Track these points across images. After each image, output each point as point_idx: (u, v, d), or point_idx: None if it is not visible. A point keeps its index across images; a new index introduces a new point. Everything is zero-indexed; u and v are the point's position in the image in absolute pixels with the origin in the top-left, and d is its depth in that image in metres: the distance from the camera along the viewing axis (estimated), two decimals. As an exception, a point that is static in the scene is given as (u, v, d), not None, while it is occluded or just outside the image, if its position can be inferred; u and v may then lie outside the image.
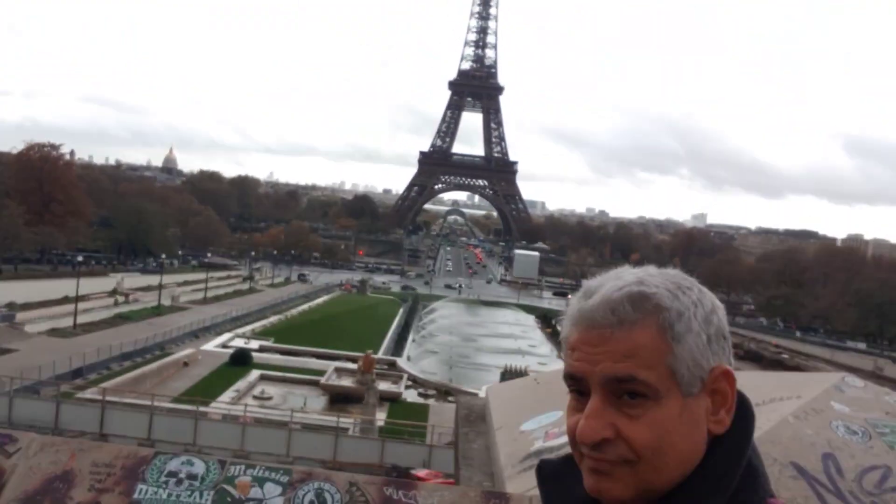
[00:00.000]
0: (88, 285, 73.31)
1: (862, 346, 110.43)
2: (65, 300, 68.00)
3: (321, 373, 53.51)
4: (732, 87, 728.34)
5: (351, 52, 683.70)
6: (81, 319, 63.37)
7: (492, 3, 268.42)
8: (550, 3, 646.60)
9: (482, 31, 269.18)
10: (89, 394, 40.01)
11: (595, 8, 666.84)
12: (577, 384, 1.19)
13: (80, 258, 76.21)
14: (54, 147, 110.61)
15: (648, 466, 1.14)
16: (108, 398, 37.31)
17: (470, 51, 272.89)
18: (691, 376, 1.15)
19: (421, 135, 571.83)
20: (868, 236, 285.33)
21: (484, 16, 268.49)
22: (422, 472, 31.77)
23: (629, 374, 1.13)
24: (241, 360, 54.54)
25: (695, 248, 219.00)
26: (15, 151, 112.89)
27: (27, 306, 65.42)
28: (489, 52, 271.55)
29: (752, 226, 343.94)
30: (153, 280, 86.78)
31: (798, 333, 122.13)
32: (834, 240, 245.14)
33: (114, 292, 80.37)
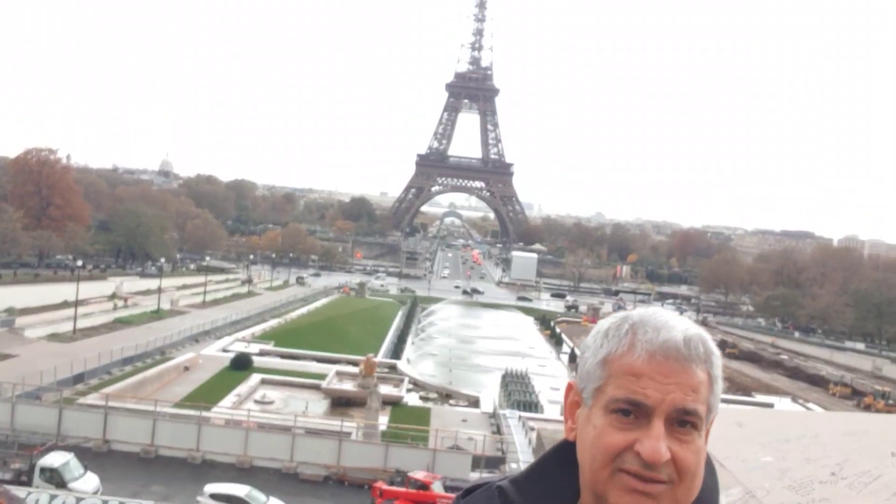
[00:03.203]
0: (87, 290, 73.22)
1: (860, 346, 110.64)
2: (64, 304, 67.89)
3: (322, 376, 53.47)
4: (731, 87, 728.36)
5: (347, 56, 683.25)
6: (81, 324, 63.21)
7: (487, 6, 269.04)
8: (545, 4, 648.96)
9: (478, 34, 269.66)
10: (91, 399, 39.99)
11: (587, 8, 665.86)
12: (635, 408, 1.32)
13: (79, 262, 76.00)
14: (52, 151, 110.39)
15: (684, 488, 1.33)
16: (110, 404, 37.32)
17: (466, 53, 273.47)
18: (711, 415, 1.38)
19: (418, 138, 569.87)
20: (864, 237, 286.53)
21: (479, 18, 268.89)
22: (419, 475, 31.75)
23: (694, 407, 1.32)
24: (241, 365, 54.49)
25: (692, 249, 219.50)
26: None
27: (26, 311, 65.27)
28: (485, 55, 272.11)
29: (749, 227, 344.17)
30: (152, 284, 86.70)
31: (796, 334, 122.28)
32: (830, 240, 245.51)
33: (113, 296, 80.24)
